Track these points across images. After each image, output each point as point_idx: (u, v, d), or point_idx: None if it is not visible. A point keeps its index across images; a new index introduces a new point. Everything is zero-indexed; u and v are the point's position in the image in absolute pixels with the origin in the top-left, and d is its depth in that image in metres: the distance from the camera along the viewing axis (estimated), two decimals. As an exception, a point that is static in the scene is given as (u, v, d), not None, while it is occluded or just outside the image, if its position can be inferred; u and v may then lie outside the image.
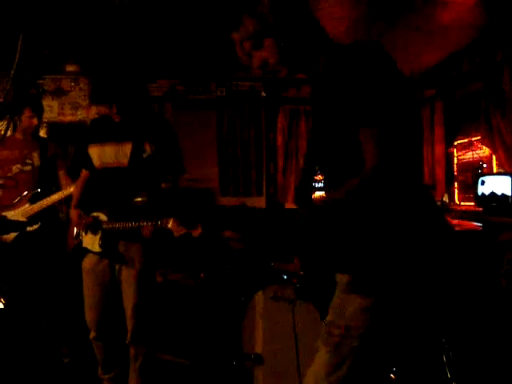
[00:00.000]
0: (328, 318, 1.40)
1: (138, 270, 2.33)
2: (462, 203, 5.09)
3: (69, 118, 5.73)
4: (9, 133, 3.15)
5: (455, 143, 5.26)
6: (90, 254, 2.42)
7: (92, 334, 2.45)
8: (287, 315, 2.51)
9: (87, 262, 2.44)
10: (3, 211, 2.98)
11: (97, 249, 2.36)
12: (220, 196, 5.85)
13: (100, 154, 2.43)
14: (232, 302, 3.07)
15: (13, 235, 2.92)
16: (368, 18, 4.14)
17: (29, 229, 2.91)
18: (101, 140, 2.45)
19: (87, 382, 2.76)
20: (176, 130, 2.49)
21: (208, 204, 1.50)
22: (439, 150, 5.48)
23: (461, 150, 5.20)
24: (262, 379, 2.60)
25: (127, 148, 2.36)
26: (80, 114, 5.73)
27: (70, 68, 5.44)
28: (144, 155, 2.35)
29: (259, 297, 2.66)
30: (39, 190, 3.03)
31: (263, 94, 6.01)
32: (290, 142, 6.23)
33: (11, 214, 2.95)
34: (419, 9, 3.89)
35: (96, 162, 2.43)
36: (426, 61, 5.20)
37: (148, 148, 2.35)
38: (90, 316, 2.44)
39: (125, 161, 2.36)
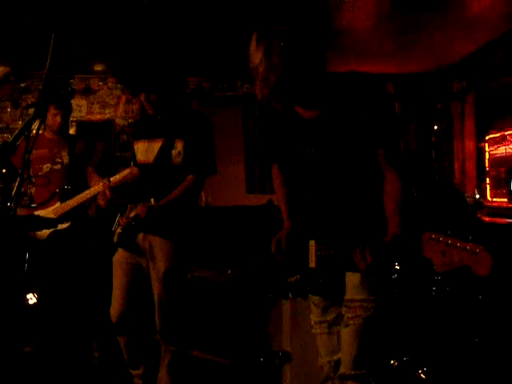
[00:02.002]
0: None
1: (165, 267, 2.31)
2: (494, 199, 4.95)
3: (97, 117, 5.83)
4: (40, 131, 3.22)
5: (487, 137, 5.11)
6: (120, 249, 2.43)
7: (115, 329, 2.43)
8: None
9: (117, 256, 2.44)
10: (35, 210, 3.04)
11: (115, 240, 2.37)
12: (246, 193, 5.86)
13: (138, 151, 2.46)
14: (259, 299, 3.07)
15: (46, 233, 2.98)
16: (396, 12, 4.06)
17: (60, 227, 2.96)
18: (138, 137, 2.48)
19: (117, 377, 2.80)
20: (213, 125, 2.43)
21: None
22: (470, 144, 5.35)
23: (493, 145, 5.06)
24: (289, 376, 2.58)
25: (157, 145, 2.35)
26: (108, 113, 5.82)
27: (99, 67, 5.52)
28: (174, 152, 2.30)
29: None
30: (69, 187, 3.07)
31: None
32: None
33: (43, 213, 3.01)
34: (449, 0, 3.79)
35: (138, 158, 2.47)
36: (456, 52, 5.08)
37: (179, 145, 2.31)
38: (113, 309, 2.41)
39: (151, 158, 2.36)
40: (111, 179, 2.64)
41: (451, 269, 1.29)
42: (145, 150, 2.40)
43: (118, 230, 2.35)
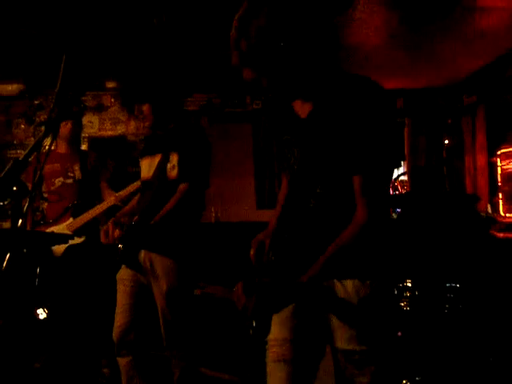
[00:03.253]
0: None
1: (167, 285, 2.26)
2: (508, 215, 4.89)
3: (109, 133, 5.90)
4: (53, 147, 3.26)
5: (499, 152, 5.07)
6: (124, 266, 2.42)
7: (115, 349, 2.35)
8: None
9: (120, 273, 2.42)
10: (48, 227, 3.06)
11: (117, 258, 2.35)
12: (256, 209, 5.85)
13: (141, 168, 2.48)
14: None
15: (62, 249, 3.00)
16: (405, 28, 4.09)
17: (74, 242, 2.96)
18: (143, 154, 2.50)
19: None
20: (212, 143, 2.41)
21: None
22: (482, 159, 5.30)
23: (505, 160, 5.00)
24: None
25: (156, 160, 2.35)
26: (119, 129, 5.89)
27: (110, 84, 5.60)
28: (169, 165, 2.29)
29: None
30: (80, 202, 3.09)
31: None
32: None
33: (57, 229, 3.02)
34: (458, 16, 3.81)
35: (141, 175, 2.48)
36: (466, 67, 5.08)
37: (174, 158, 2.29)
38: (114, 328, 2.35)
39: (151, 174, 2.35)
40: (120, 193, 2.68)
41: None
42: (147, 166, 2.41)
43: (120, 247, 2.35)
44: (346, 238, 1.28)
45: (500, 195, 5.05)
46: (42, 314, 3.08)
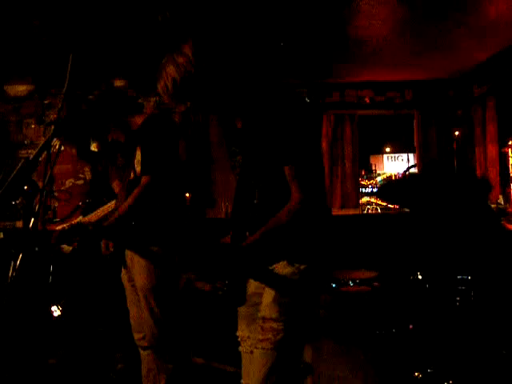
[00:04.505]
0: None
1: (143, 282, 2.26)
2: (520, 205, 4.84)
3: (118, 131, 5.92)
4: (62, 147, 3.29)
5: (510, 142, 5.01)
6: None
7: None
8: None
9: (122, 271, 2.45)
10: (58, 225, 3.09)
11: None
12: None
13: None
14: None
15: (70, 247, 3.03)
16: (414, 18, 4.05)
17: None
18: None
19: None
20: (177, 126, 2.36)
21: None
22: (492, 150, 5.25)
23: (516, 150, 4.96)
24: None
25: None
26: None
27: (118, 83, 5.62)
28: (135, 162, 2.29)
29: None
30: (91, 201, 3.12)
31: (307, 99, 5.99)
32: (334, 147, 6.16)
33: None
34: (467, 5, 3.76)
35: None
36: (476, 57, 5.02)
37: (138, 153, 2.29)
38: (130, 320, 2.42)
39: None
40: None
41: None
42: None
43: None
44: (282, 215, 1.48)
45: (512, 186, 5.01)
46: (56, 311, 3.12)
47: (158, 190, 2.23)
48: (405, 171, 4.42)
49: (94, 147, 5.55)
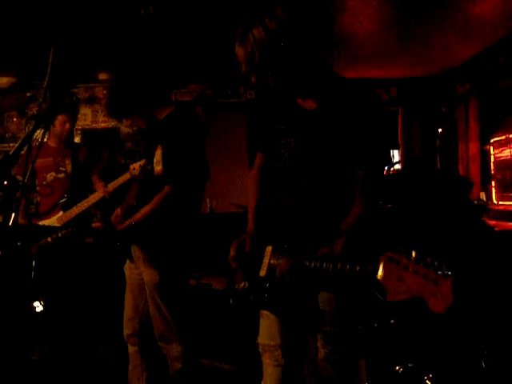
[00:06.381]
0: None
1: (149, 278, 2.25)
2: (501, 202, 4.93)
3: (102, 125, 5.87)
4: (45, 140, 3.25)
5: (492, 140, 5.09)
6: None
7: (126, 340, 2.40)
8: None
9: (126, 265, 2.42)
10: (40, 220, 3.06)
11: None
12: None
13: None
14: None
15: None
16: (398, 16, 4.07)
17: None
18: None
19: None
20: (207, 132, 2.31)
21: None
22: (474, 147, 5.33)
23: (498, 148, 5.04)
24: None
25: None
26: (113, 121, 5.85)
27: (103, 76, 5.56)
28: (154, 160, 2.22)
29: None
30: (71, 196, 3.09)
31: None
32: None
33: (48, 222, 3.02)
34: (451, 3, 3.80)
35: None
36: (459, 56, 5.08)
37: (158, 152, 2.20)
38: (124, 315, 2.39)
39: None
40: (108, 186, 2.67)
41: (405, 299, 1.08)
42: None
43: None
44: (356, 213, 1.42)
45: (493, 183, 5.09)
46: (38, 306, 3.10)
47: (178, 199, 2.18)
48: (388, 168, 4.46)
49: (76, 140, 5.48)
